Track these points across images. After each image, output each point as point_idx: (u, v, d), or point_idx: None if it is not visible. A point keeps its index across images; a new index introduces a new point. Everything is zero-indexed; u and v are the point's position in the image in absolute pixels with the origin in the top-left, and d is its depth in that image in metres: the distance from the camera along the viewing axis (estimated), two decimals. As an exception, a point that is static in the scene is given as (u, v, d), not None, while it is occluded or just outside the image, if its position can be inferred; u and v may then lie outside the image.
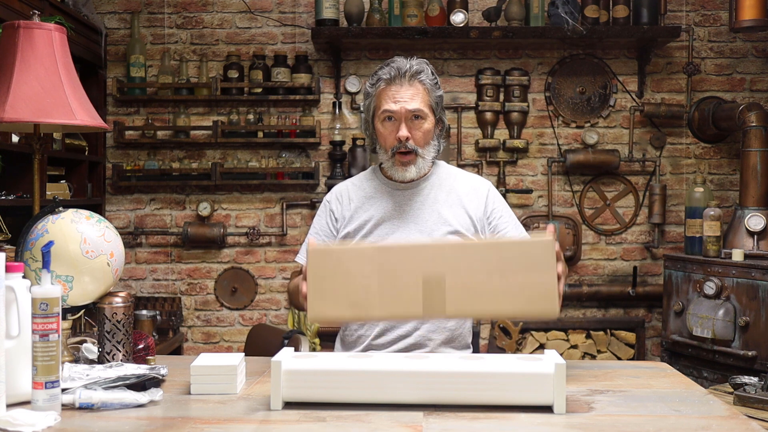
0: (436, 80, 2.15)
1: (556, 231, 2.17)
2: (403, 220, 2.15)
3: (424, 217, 2.15)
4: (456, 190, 2.18)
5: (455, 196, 2.17)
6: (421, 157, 2.12)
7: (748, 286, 3.49)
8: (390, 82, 2.10)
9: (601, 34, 4.10)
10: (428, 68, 2.14)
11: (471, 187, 2.20)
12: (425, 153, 2.13)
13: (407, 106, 2.08)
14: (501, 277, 1.67)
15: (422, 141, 2.11)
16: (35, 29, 1.96)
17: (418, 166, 2.13)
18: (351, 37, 4.12)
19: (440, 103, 2.15)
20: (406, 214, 2.15)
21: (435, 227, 2.13)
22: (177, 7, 4.40)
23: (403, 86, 2.09)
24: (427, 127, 2.11)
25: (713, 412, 1.49)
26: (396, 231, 2.14)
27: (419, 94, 2.09)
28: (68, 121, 1.94)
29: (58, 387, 1.44)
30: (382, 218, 2.16)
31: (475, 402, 1.47)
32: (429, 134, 2.12)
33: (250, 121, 4.31)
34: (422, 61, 2.16)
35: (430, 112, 2.11)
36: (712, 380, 3.60)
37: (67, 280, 1.69)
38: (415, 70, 2.10)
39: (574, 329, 4.33)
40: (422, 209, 2.16)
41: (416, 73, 2.10)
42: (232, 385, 1.61)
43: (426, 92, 2.11)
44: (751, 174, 3.78)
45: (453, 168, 2.28)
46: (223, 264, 4.40)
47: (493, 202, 2.20)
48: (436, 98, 2.13)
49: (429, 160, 2.15)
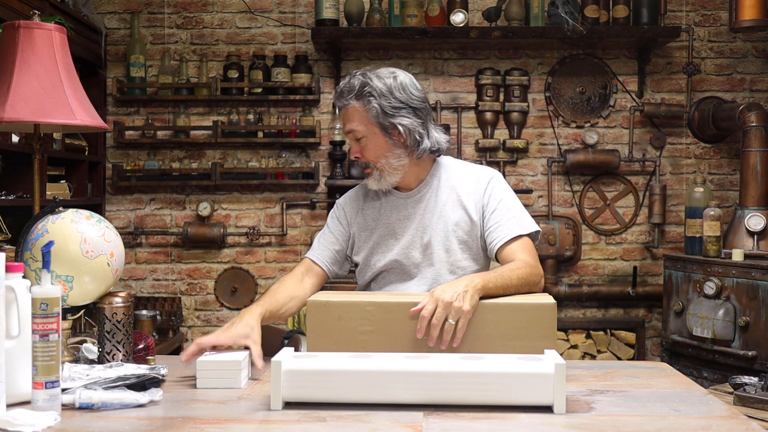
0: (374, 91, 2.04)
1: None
2: (409, 230, 2.13)
3: (429, 225, 2.12)
4: (456, 188, 2.14)
5: (455, 196, 2.14)
6: (378, 171, 2.08)
7: (748, 286, 3.49)
8: (338, 107, 2.15)
9: (601, 34, 4.10)
10: (359, 82, 2.05)
11: (470, 183, 2.14)
12: (382, 166, 2.08)
13: (345, 128, 2.10)
14: (501, 342, 1.70)
15: (372, 156, 2.07)
16: (35, 29, 1.96)
17: (376, 178, 2.10)
18: (351, 37, 4.12)
19: (386, 111, 2.03)
20: (412, 223, 2.13)
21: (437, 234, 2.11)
22: (177, 7, 4.40)
23: (342, 109, 2.10)
24: (372, 142, 2.06)
25: (713, 412, 1.49)
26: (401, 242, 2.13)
27: (352, 114, 2.06)
28: (68, 121, 1.94)
29: (58, 387, 1.44)
30: (387, 230, 2.15)
31: (475, 402, 1.47)
32: (379, 148, 2.06)
33: (250, 121, 4.31)
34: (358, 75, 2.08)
35: (370, 127, 2.05)
36: (712, 380, 3.60)
37: (67, 280, 1.69)
38: (344, 91, 2.06)
39: (574, 329, 4.33)
40: (425, 216, 2.13)
41: (345, 93, 2.06)
42: (236, 380, 1.64)
43: (359, 109, 2.05)
44: (751, 174, 3.78)
45: (457, 164, 2.21)
46: (223, 264, 4.40)
47: (489, 195, 2.11)
48: (374, 111, 2.03)
49: (391, 171, 2.08)
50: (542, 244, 4.26)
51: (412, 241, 2.12)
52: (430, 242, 2.10)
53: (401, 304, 1.77)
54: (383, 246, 2.15)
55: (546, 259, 4.29)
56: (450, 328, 1.70)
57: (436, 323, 1.70)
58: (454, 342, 1.71)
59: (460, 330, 1.71)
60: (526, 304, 1.75)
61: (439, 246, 2.10)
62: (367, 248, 2.17)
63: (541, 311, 1.73)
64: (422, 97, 2.11)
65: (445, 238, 2.10)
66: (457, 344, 1.72)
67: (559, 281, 4.34)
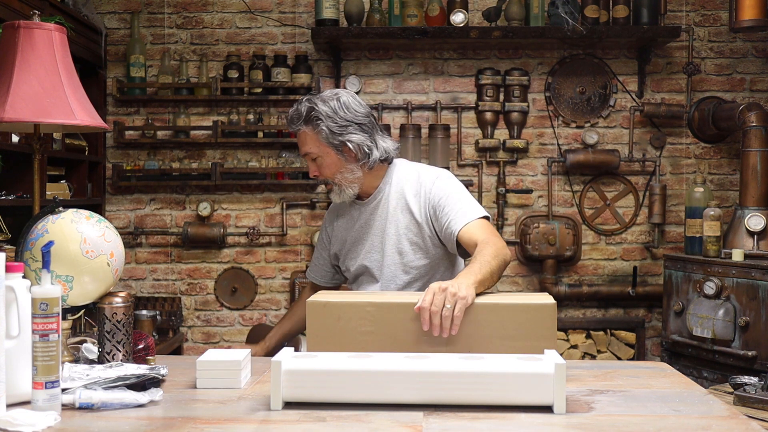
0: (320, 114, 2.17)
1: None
2: (369, 235, 2.29)
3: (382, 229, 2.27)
4: (404, 193, 2.26)
5: (403, 202, 2.25)
6: (337, 186, 2.24)
7: (748, 286, 3.49)
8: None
9: (601, 34, 4.10)
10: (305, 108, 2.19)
11: (414, 186, 2.25)
12: (339, 181, 2.24)
13: (301, 151, 2.25)
14: (501, 342, 1.70)
15: (329, 173, 2.23)
16: (35, 29, 1.96)
17: (338, 192, 2.26)
18: (351, 37, 4.12)
19: (334, 131, 2.17)
20: (371, 229, 2.29)
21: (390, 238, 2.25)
22: (177, 7, 4.40)
23: (296, 133, 2.25)
24: (327, 161, 2.22)
25: (713, 412, 1.49)
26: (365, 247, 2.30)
27: (306, 139, 2.22)
28: (68, 121, 1.94)
29: (58, 387, 1.44)
30: (354, 236, 2.33)
31: (475, 402, 1.47)
32: (333, 166, 2.22)
33: (250, 121, 4.31)
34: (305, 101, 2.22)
35: (322, 148, 2.20)
36: (712, 380, 3.60)
37: (67, 280, 1.69)
38: (293, 118, 2.22)
39: (574, 329, 4.33)
40: (380, 221, 2.28)
41: (294, 120, 2.22)
42: (236, 380, 1.64)
43: (308, 134, 2.21)
44: (751, 174, 3.78)
45: (407, 168, 2.31)
46: (223, 264, 4.40)
47: (435, 195, 2.20)
48: (324, 132, 2.18)
49: (348, 185, 2.24)
50: (542, 244, 4.26)
51: (372, 245, 2.28)
52: (384, 245, 2.25)
53: (401, 305, 1.77)
54: (353, 252, 2.33)
55: (546, 259, 4.29)
56: (448, 314, 1.73)
57: (436, 310, 1.74)
58: (453, 329, 1.74)
59: (458, 317, 1.74)
60: (526, 304, 1.75)
61: (392, 249, 2.24)
62: (342, 255, 2.38)
63: (541, 311, 1.73)
64: (366, 113, 2.24)
65: (397, 241, 2.24)
66: (456, 332, 1.74)
67: (559, 281, 4.34)
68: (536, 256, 4.28)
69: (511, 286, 4.41)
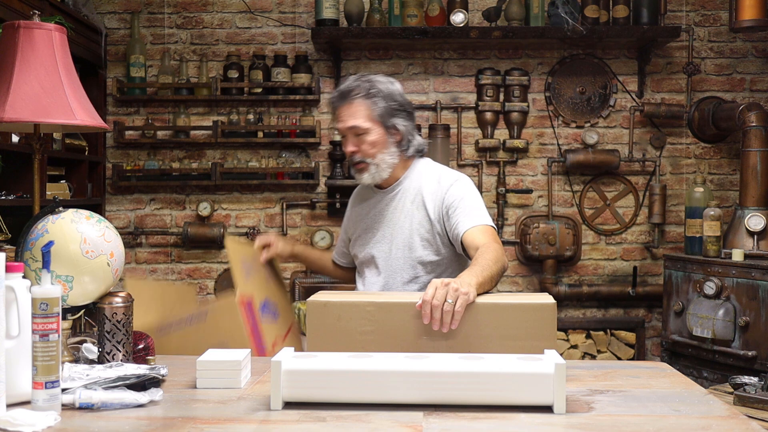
0: (378, 91, 2.25)
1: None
2: (381, 225, 2.34)
3: (396, 221, 2.31)
4: (422, 191, 2.30)
5: (420, 198, 2.29)
6: (375, 165, 2.28)
7: (748, 286, 3.49)
8: (336, 105, 2.31)
9: (601, 34, 4.11)
10: (367, 84, 2.27)
11: (433, 186, 2.29)
12: (378, 161, 2.28)
13: (346, 124, 2.27)
14: (501, 342, 1.70)
15: (370, 152, 2.27)
16: (35, 29, 1.96)
17: (371, 173, 2.29)
18: (351, 37, 4.12)
19: (389, 112, 2.26)
20: (384, 219, 2.33)
21: (402, 231, 2.29)
22: (177, 7, 4.40)
23: (343, 106, 2.28)
24: (372, 138, 2.26)
25: (713, 412, 1.49)
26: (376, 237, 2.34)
27: (356, 111, 2.25)
28: (68, 121, 1.94)
29: (58, 387, 1.44)
30: (367, 223, 2.38)
31: (475, 402, 1.47)
32: (378, 144, 2.26)
33: (250, 121, 4.31)
34: (364, 77, 2.29)
35: (372, 124, 2.25)
36: (712, 380, 3.60)
37: (67, 280, 1.69)
38: (350, 88, 2.27)
39: (574, 329, 4.33)
40: (394, 213, 2.32)
41: (351, 91, 2.26)
42: (236, 380, 1.64)
43: (365, 107, 2.25)
44: (751, 174, 3.78)
45: (429, 166, 2.36)
46: (223, 264, 4.40)
47: (451, 196, 2.24)
48: (379, 109, 2.25)
49: (386, 167, 2.29)
50: (542, 244, 4.26)
51: (383, 235, 2.32)
52: (394, 237, 2.29)
53: (401, 304, 1.77)
54: (362, 239, 2.38)
55: (546, 259, 4.29)
56: (449, 309, 1.74)
57: (437, 303, 1.74)
58: (453, 324, 1.74)
59: (458, 312, 1.74)
60: (526, 304, 1.75)
61: (402, 241, 2.28)
62: (353, 240, 2.43)
63: (541, 311, 1.73)
64: (412, 104, 2.36)
65: (409, 235, 2.27)
66: (456, 326, 1.75)
67: (559, 281, 4.34)
68: (536, 256, 4.28)
69: (511, 286, 4.41)
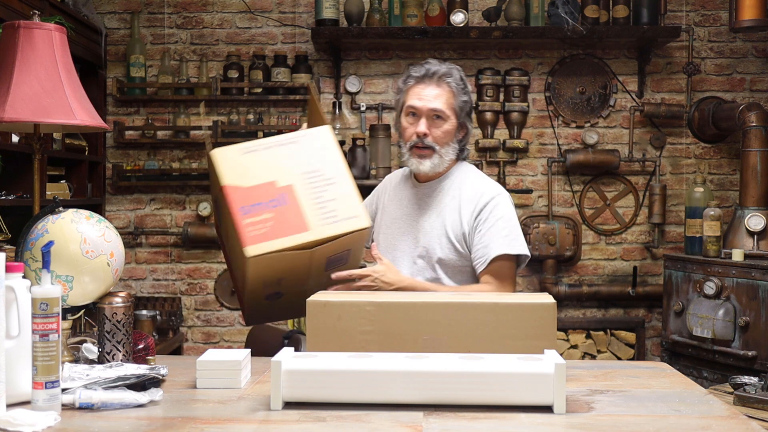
0: (465, 86, 2.24)
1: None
2: (412, 217, 2.28)
3: (427, 217, 2.25)
4: (460, 196, 2.24)
5: (457, 202, 2.23)
6: (439, 155, 2.22)
7: (748, 286, 3.49)
8: (419, 81, 2.22)
9: (601, 34, 4.11)
10: (458, 74, 2.24)
11: (475, 194, 2.23)
12: (443, 152, 2.22)
13: (429, 104, 2.19)
14: (501, 341, 1.70)
15: (441, 140, 2.21)
16: (35, 29, 1.96)
17: (433, 162, 2.22)
18: (351, 37, 4.12)
19: (465, 109, 2.23)
20: (416, 212, 2.27)
21: (432, 228, 2.24)
22: (177, 7, 4.40)
23: (429, 86, 2.21)
24: (447, 128, 2.21)
25: (713, 412, 1.49)
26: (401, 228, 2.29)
27: (443, 96, 2.20)
28: (68, 121, 1.94)
29: (58, 387, 1.44)
30: (396, 213, 2.32)
31: (475, 402, 1.47)
32: (449, 135, 2.22)
33: (250, 121, 4.31)
34: (454, 66, 2.26)
35: (452, 114, 2.21)
36: (712, 380, 3.60)
37: (67, 280, 1.69)
38: (443, 72, 2.21)
39: (574, 329, 4.33)
40: (428, 209, 2.25)
41: (444, 75, 2.21)
42: (236, 380, 1.65)
43: (451, 95, 2.21)
44: (751, 174, 3.78)
45: (472, 173, 2.31)
46: (223, 264, 4.40)
47: (484, 213, 2.20)
48: (460, 102, 2.22)
49: (446, 160, 2.24)
50: (542, 244, 4.26)
51: (409, 227, 2.27)
52: (419, 232, 2.25)
53: (401, 304, 1.77)
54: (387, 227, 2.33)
55: (546, 259, 4.29)
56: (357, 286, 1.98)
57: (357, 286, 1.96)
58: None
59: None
60: (526, 303, 1.75)
61: (430, 239, 2.23)
62: (376, 224, 2.39)
63: (541, 311, 1.73)
64: None
65: (438, 234, 2.22)
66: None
67: (559, 281, 4.34)
68: (536, 256, 4.28)
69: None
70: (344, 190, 1.99)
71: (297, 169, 1.98)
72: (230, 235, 2.01)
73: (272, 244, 1.89)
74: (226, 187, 1.93)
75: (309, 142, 2.03)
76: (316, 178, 1.98)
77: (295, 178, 1.96)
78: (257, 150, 2.01)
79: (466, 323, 1.74)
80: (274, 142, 2.04)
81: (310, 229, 1.92)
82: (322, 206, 1.95)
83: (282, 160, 1.99)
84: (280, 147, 2.02)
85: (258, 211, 1.92)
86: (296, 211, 1.93)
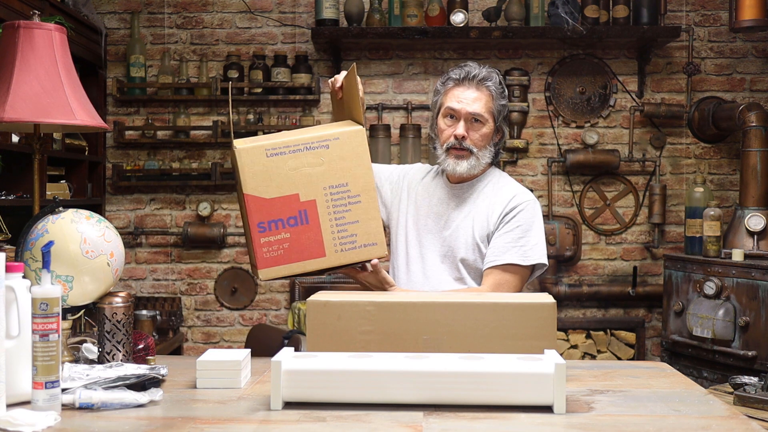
0: (503, 90, 2.23)
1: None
2: (441, 218, 2.25)
3: (456, 217, 2.23)
4: (490, 200, 2.23)
5: (486, 206, 2.23)
6: (476, 157, 2.21)
7: (748, 286, 3.49)
8: (458, 83, 2.21)
9: (601, 34, 4.11)
10: (497, 77, 2.23)
11: (505, 198, 2.22)
12: (480, 155, 2.21)
13: (468, 108, 2.18)
14: (501, 341, 1.70)
15: (479, 143, 2.20)
16: (35, 29, 1.96)
17: (470, 163, 2.20)
18: (351, 37, 4.13)
19: (503, 113, 2.23)
20: (446, 213, 2.25)
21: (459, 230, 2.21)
22: (177, 7, 4.40)
23: (469, 89, 2.20)
24: (485, 131, 2.20)
25: (713, 412, 1.49)
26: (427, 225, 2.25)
27: (483, 99, 2.19)
28: (68, 121, 1.94)
29: (58, 387, 1.44)
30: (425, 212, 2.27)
31: (475, 402, 1.47)
32: (486, 138, 2.21)
33: (250, 121, 4.31)
34: (493, 70, 2.25)
35: (490, 118, 2.20)
36: (712, 380, 3.60)
37: (67, 280, 1.69)
38: (483, 76, 2.20)
39: (574, 329, 4.33)
40: (459, 210, 2.24)
41: (484, 79, 2.20)
42: (236, 380, 1.65)
43: (490, 99, 2.20)
44: (751, 174, 3.78)
45: (504, 178, 2.30)
46: (223, 264, 4.40)
47: (507, 219, 2.18)
48: (499, 107, 2.21)
49: (483, 163, 2.23)
50: (542, 244, 4.26)
51: (435, 225, 2.24)
52: (444, 230, 2.22)
53: (401, 304, 1.77)
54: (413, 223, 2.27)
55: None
56: None
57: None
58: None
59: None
60: (526, 303, 1.75)
61: (457, 239, 2.20)
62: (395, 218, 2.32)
63: (541, 311, 1.73)
64: None
65: (464, 234, 2.20)
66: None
67: (559, 281, 4.34)
68: (536, 256, 4.28)
69: (511, 286, 4.40)
70: (368, 212, 1.97)
71: (322, 183, 1.94)
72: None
73: (285, 269, 1.91)
74: (248, 196, 1.92)
75: (340, 147, 1.98)
76: (342, 194, 1.96)
77: (319, 192, 1.94)
78: (284, 153, 1.95)
79: (466, 323, 1.74)
80: (302, 142, 1.97)
81: (326, 256, 1.93)
82: (343, 229, 1.94)
83: (308, 169, 1.95)
84: (308, 152, 1.96)
85: (276, 229, 1.91)
86: (315, 232, 1.93)
